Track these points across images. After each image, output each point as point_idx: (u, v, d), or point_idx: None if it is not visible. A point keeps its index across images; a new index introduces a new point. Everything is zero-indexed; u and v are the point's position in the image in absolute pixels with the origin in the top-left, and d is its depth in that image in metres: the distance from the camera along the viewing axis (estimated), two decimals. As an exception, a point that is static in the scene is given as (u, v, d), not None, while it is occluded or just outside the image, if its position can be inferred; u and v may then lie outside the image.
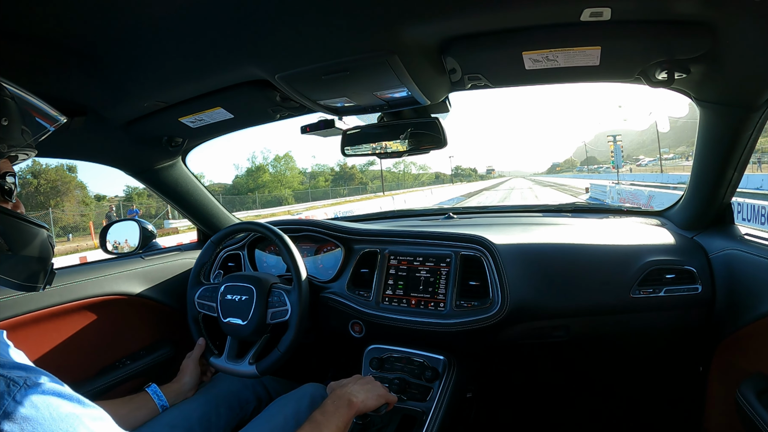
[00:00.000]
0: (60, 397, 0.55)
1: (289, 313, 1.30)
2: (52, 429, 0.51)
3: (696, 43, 0.90)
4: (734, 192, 1.29)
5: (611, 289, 1.29)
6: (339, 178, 66.76)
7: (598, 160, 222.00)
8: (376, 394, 1.04)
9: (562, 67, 1.03)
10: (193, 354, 1.35)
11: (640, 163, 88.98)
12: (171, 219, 24.24)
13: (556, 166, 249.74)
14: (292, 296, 1.31)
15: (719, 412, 1.34)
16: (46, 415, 0.52)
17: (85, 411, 0.56)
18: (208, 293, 1.42)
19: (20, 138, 0.75)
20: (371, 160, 55.15)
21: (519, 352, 1.49)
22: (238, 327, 1.32)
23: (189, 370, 1.31)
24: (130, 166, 1.61)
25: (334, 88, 1.13)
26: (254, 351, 1.31)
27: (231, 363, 1.33)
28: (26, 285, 0.76)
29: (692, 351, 1.43)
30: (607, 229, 1.52)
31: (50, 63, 0.90)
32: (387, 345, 1.41)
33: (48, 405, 0.53)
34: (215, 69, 1.06)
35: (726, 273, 1.25)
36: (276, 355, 1.28)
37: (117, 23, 0.81)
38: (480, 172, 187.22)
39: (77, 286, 1.39)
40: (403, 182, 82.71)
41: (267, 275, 1.42)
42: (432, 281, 1.39)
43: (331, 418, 0.91)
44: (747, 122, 1.07)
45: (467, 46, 0.98)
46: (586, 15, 0.84)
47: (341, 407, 0.95)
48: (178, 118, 1.32)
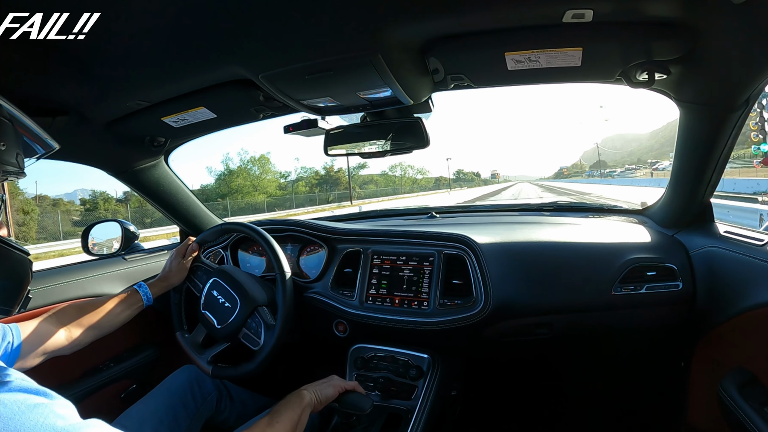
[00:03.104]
0: (27, 392, 0.55)
1: (259, 345, 1.26)
2: (22, 421, 0.51)
3: (676, 45, 0.91)
4: (714, 190, 1.31)
5: (593, 287, 1.30)
6: (324, 182, 59.34)
7: (608, 164, 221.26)
8: (327, 385, 1.09)
9: (544, 68, 1.03)
10: (180, 252, 1.41)
11: (657, 167, 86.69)
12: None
13: (563, 169, 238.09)
14: (270, 334, 1.27)
15: (702, 406, 1.36)
16: (15, 409, 0.52)
17: (53, 402, 0.56)
18: (200, 272, 1.41)
19: (15, 162, 0.75)
20: (362, 163, 52.87)
21: (503, 349, 1.50)
22: (211, 325, 1.31)
23: (176, 273, 1.38)
24: (112, 166, 1.59)
25: (318, 88, 1.12)
26: (216, 353, 1.31)
27: (193, 349, 1.34)
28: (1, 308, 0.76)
29: (674, 347, 1.46)
30: (589, 228, 1.54)
31: (33, 62, 0.88)
32: (371, 344, 1.41)
33: (15, 401, 0.53)
34: (198, 68, 1.05)
35: (706, 270, 1.27)
36: (231, 372, 1.27)
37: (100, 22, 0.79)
38: (483, 177, 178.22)
39: (58, 288, 1.38)
40: (401, 187, 74.21)
41: (258, 292, 1.34)
42: (415, 280, 1.39)
43: (285, 409, 0.96)
44: (726, 122, 1.09)
45: (450, 46, 0.98)
46: (569, 16, 0.84)
47: (292, 398, 1.01)
48: (160, 117, 1.31)
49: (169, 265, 1.39)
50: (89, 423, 0.57)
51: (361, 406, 1.08)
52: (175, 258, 1.40)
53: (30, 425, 0.51)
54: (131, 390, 1.51)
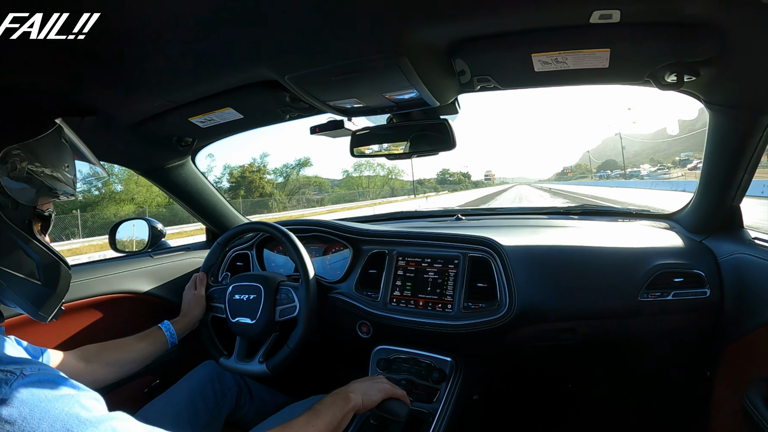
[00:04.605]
0: (55, 382, 0.58)
1: (297, 309, 1.31)
2: (48, 409, 0.54)
3: (705, 46, 0.89)
4: (744, 195, 1.28)
5: (619, 292, 1.28)
6: (238, 186, 43.83)
7: (618, 163, 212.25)
8: (377, 389, 1.05)
9: (572, 70, 1.03)
10: (195, 290, 1.43)
11: (691, 166, 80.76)
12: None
13: (567, 170, 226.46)
14: (300, 292, 1.32)
15: (726, 417, 1.33)
16: (41, 396, 0.54)
17: (80, 393, 0.59)
18: (216, 294, 1.43)
19: (71, 184, 0.81)
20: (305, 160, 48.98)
21: (526, 354, 1.48)
22: (247, 326, 1.33)
23: (195, 306, 1.39)
24: (140, 166, 1.63)
25: (344, 90, 1.13)
26: (264, 350, 1.33)
27: (241, 363, 1.34)
28: (41, 315, 0.80)
29: (699, 355, 1.42)
30: (616, 232, 1.52)
31: (61, 63, 0.91)
32: (394, 346, 1.41)
33: (43, 388, 0.55)
34: (225, 70, 1.07)
35: (734, 277, 1.24)
36: (286, 351, 1.29)
37: (128, 23, 0.82)
38: (475, 179, 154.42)
39: (86, 284, 1.41)
40: (370, 191, 57.06)
41: (275, 274, 1.44)
42: (440, 282, 1.39)
43: (327, 409, 0.94)
44: (757, 125, 1.07)
45: (476, 48, 0.98)
46: (596, 17, 0.84)
47: (338, 400, 0.98)
48: (188, 118, 1.33)
49: (186, 301, 1.41)
50: (113, 415, 0.60)
51: (398, 413, 1.07)
52: (188, 292, 1.43)
53: (55, 413, 0.54)
54: (154, 385, 1.54)
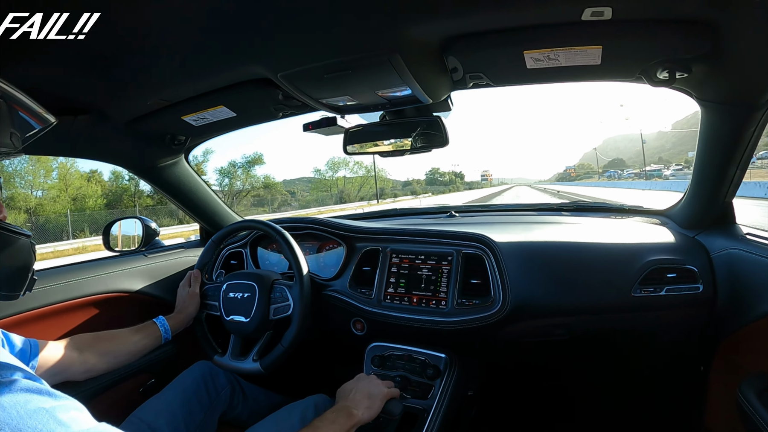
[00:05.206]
0: (29, 392, 0.53)
1: (291, 307, 1.32)
2: (20, 427, 0.50)
3: (697, 43, 0.89)
4: (736, 191, 1.29)
5: (613, 288, 1.29)
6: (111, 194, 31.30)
7: (626, 162, 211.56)
8: (378, 402, 1.08)
9: (564, 67, 1.03)
10: (190, 287, 1.43)
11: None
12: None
13: (570, 170, 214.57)
14: (294, 291, 1.33)
15: (720, 412, 1.34)
16: (13, 413, 0.50)
17: (56, 403, 0.55)
18: (210, 292, 1.44)
19: (9, 142, 0.74)
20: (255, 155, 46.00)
21: (520, 350, 1.49)
22: (241, 324, 1.33)
23: (189, 303, 1.40)
24: (134, 164, 1.62)
25: (337, 87, 1.13)
26: (258, 348, 1.33)
27: (235, 361, 1.35)
28: (5, 294, 0.77)
29: (693, 350, 1.43)
30: (609, 228, 1.52)
31: (56, 62, 0.90)
32: (389, 343, 1.41)
33: (15, 403, 0.51)
34: (218, 68, 1.07)
35: (727, 272, 1.25)
36: (279, 350, 1.29)
37: (126, 23, 0.81)
38: (471, 179, 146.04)
39: (79, 284, 1.40)
40: (349, 194, 48.17)
41: (269, 272, 1.44)
42: (434, 279, 1.39)
43: (329, 426, 0.94)
44: (749, 121, 1.07)
45: (469, 45, 0.98)
46: (587, 14, 0.84)
47: (341, 417, 0.98)
48: (181, 116, 1.33)
49: (180, 298, 1.42)
50: (93, 429, 0.56)
51: (392, 411, 1.10)
52: (182, 289, 1.44)
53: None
54: (150, 384, 1.53)
